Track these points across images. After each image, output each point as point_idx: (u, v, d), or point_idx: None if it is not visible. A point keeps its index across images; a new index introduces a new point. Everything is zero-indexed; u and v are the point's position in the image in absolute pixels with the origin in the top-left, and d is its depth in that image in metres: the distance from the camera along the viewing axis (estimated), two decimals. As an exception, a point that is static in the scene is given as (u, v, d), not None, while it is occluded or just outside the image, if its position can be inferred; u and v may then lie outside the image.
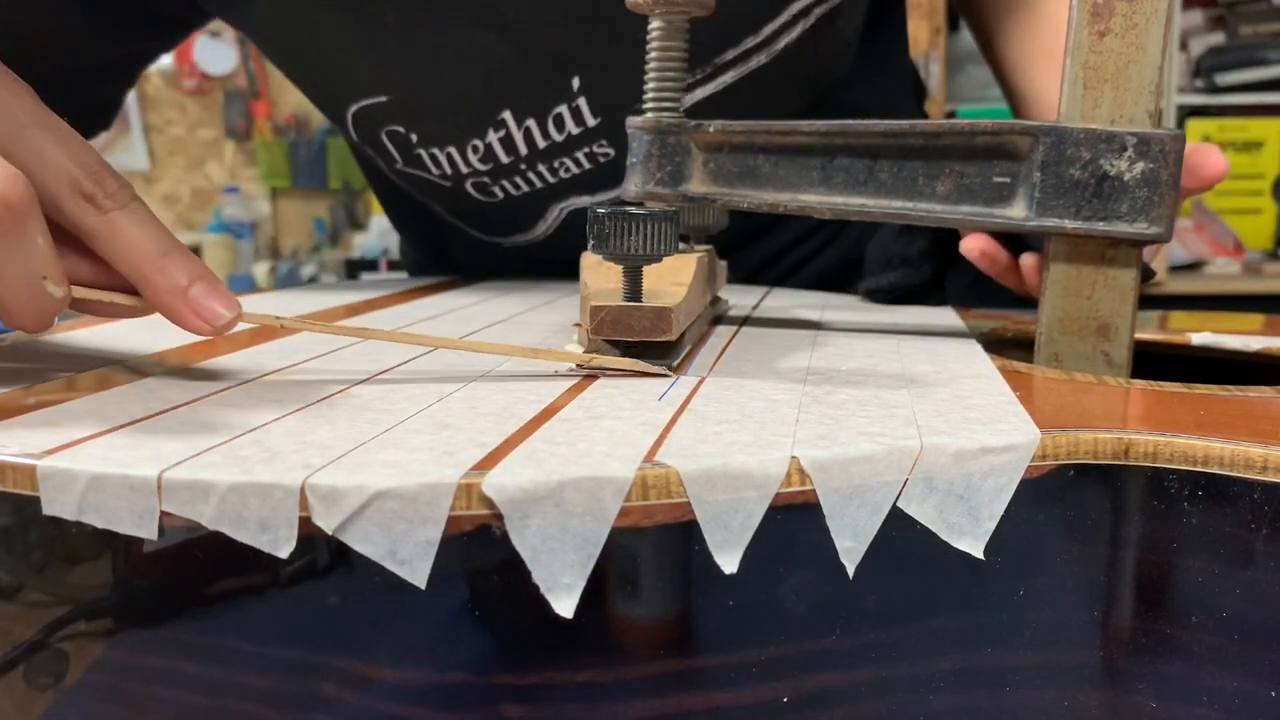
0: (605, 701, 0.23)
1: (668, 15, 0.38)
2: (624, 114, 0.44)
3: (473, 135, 0.53)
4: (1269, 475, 0.24)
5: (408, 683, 0.22)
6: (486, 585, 0.22)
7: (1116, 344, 0.36)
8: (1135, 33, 0.34)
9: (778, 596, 0.23)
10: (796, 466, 0.23)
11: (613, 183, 0.55)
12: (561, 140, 0.53)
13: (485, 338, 0.38)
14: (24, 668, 0.23)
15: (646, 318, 0.32)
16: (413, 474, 0.21)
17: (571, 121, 0.52)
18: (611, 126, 0.52)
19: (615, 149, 0.53)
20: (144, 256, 0.29)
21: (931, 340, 0.39)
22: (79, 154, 0.29)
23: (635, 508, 0.22)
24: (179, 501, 0.21)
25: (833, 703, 0.24)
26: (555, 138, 0.53)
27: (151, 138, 2.68)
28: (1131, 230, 0.35)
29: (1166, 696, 0.26)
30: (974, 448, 0.24)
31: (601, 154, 0.54)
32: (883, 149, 0.37)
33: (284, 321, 0.31)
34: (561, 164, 0.54)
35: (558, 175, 0.54)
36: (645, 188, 0.39)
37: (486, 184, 0.55)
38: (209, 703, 0.23)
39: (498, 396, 0.28)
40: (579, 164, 0.54)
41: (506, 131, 0.52)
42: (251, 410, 0.26)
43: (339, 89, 0.55)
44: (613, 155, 0.53)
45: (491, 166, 0.54)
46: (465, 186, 0.56)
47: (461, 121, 0.53)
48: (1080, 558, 0.26)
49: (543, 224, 0.58)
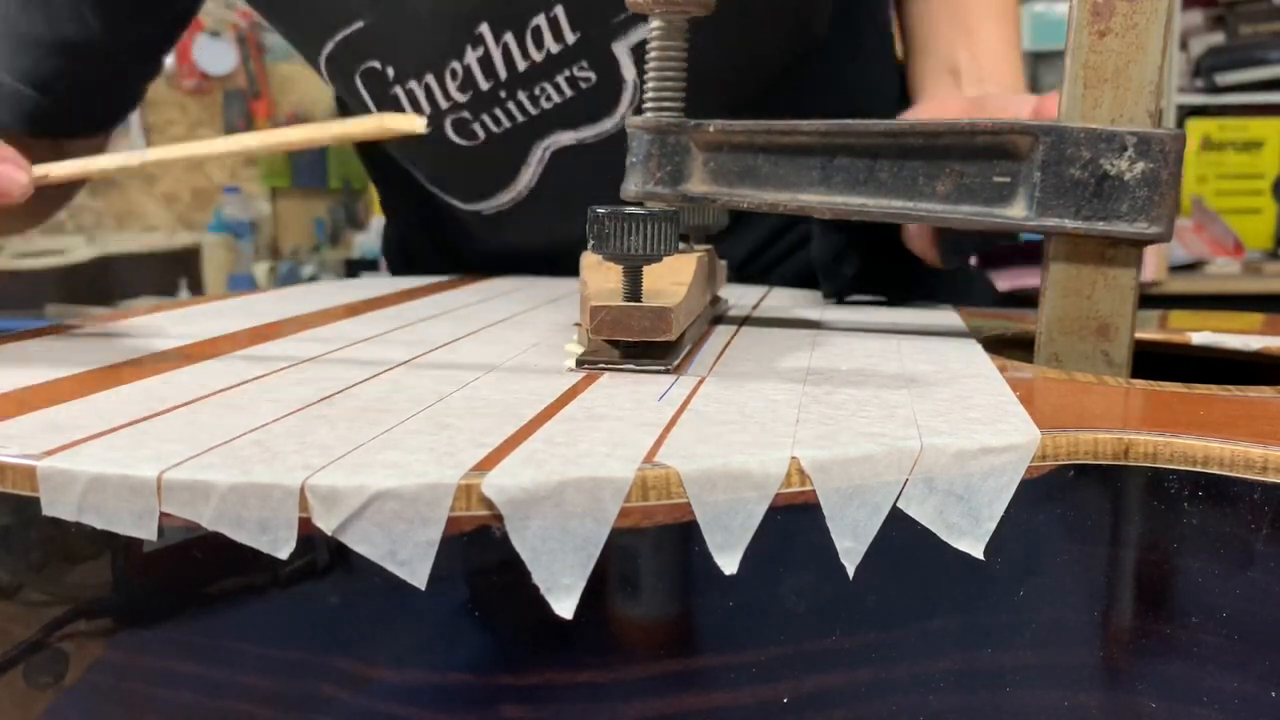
0: (605, 702, 0.23)
1: (668, 15, 0.38)
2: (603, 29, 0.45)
3: (451, 56, 0.52)
4: (1269, 475, 0.24)
5: (407, 683, 0.22)
6: (486, 586, 0.22)
7: (1116, 344, 0.36)
8: (1135, 32, 0.34)
9: (778, 597, 0.23)
10: (796, 467, 0.23)
11: (596, 116, 0.54)
12: (541, 60, 0.52)
13: (485, 336, 0.38)
14: (23, 667, 0.23)
15: (646, 318, 0.32)
16: (413, 474, 0.21)
17: (550, 36, 0.51)
18: (590, 44, 0.51)
19: (595, 72, 0.52)
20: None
21: (931, 340, 0.39)
22: None
23: (635, 508, 0.22)
24: (179, 502, 0.21)
25: (833, 703, 0.24)
26: (534, 57, 0.52)
27: (152, 138, 2.68)
28: (1132, 230, 0.35)
29: (1167, 697, 0.26)
30: (974, 448, 0.24)
31: (582, 78, 0.52)
32: (883, 149, 0.37)
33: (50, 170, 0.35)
34: (542, 90, 0.53)
35: (539, 105, 0.53)
36: (645, 188, 0.39)
37: (467, 120, 0.54)
38: (209, 703, 0.23)
39: (498, 397, 0.28)
40: (560, 90, 0.53)
41: (485, 50, 0.52)
42: (251, 411, 0.26)
43: (316, 20, 0.54)
44: (594, 80, 0.52)
45: (471, 95, 0.53)
46: (445, 128, 0.55)
47: (440, 39, 0.52)
48: (1080, 558, 0.26)
49: (526, 172, 0.57)
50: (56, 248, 2.65)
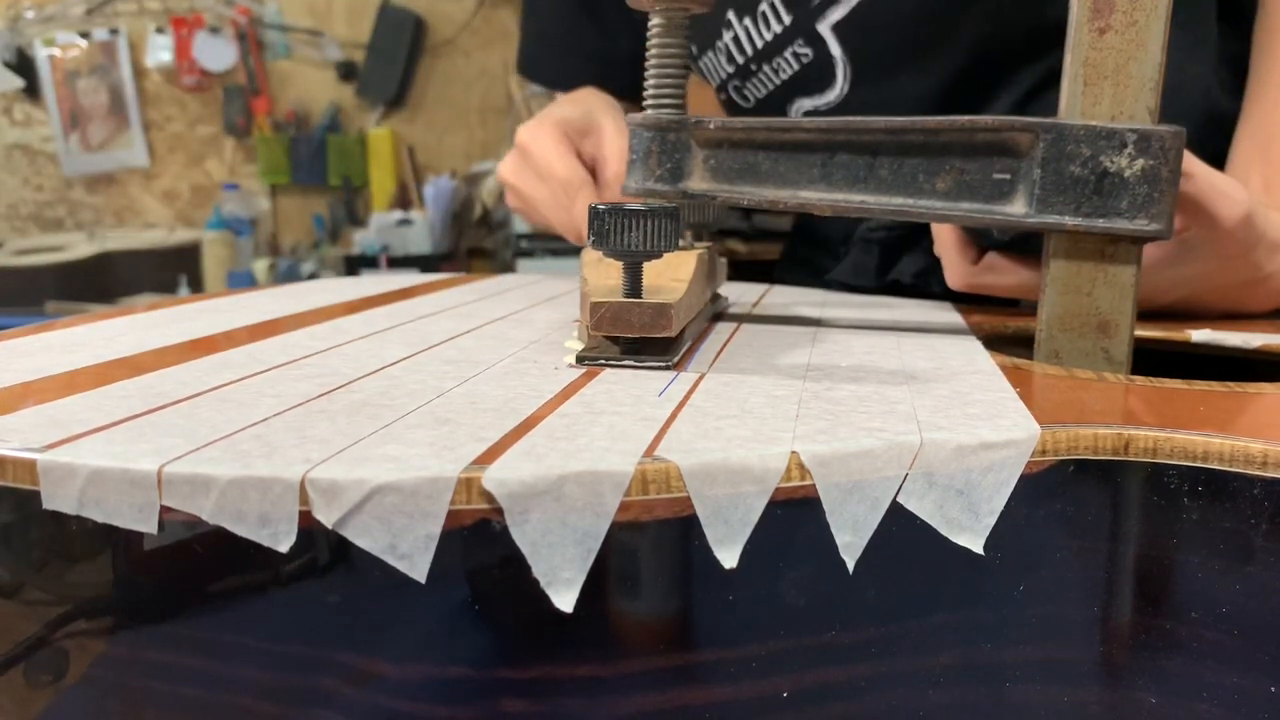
0: (605, 696, 0.23)
1: (668, 12, 0.38)
2: (807, 10, 0.60)
3: (715, 37, 0.65)
4: (1269, 471, 0.24)
5: (408, 677, 0.22)
6: (486, 580, 0.22)
7: (1116, 341, 0.36)
8: (1135, 29, 0.34)
9: (777, 591, 0.23)
10: (796, 461, 0.23)
11: (823, 87, 0.64)
12: (771, 40, 0.62)
13: (484, 334, 0.38)
14: (24, 665, 0.23)
15: (646, 314, 0.32)
16: (413, 468, 0.21)
17: (774, 19, 0.62)
18: (800, 27, 0.61)
19: (811, 49, 0.62)
20: None
21: (931, 337, 0.39)
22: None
23: (635, 502, 0.22)
24: (179, 496, 0.21)
25: (832, 697, 0.24)
26: (766, 37, 0.62)
27: (151, 134, 2.68)
28: (1132, 227, 0.35)
29: (1166, 692, 0.26)
30: (974, 443, 0.24)
31: (803, 54, 0.62)
32: (883, 145, 0.37)
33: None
34: (777, 65, 0.63)
35: (779, 75, 0.64)
36: (645, 184, 0.39)
37: (739, 87, 0.67)
38: (210, 698, 0.23)
39: (497, 392, 0.28)
40: (789, 64, 0.63)
41: (734, 32, 0.65)
42: (252, 405, 0.26)
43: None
44: (811, 56, 0.62)
45: (735, 68, 0.66)
46: (731, 94, 0.68)
47: (710, 23, 0.65)
48: (1080, 553, 0.26)
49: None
50: (56, 244, 2.66)
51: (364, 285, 0.56)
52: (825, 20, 0.60)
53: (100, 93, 2.65)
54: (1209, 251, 0.45)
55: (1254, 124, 0.57)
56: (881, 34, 0.59)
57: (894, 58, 0.60)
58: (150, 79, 2.65)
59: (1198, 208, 0.42)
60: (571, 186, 0.57)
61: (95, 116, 2.66)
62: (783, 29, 0.61)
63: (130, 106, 2.65)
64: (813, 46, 0.61)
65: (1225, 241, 0.44)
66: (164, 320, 0.41)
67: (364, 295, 0.51)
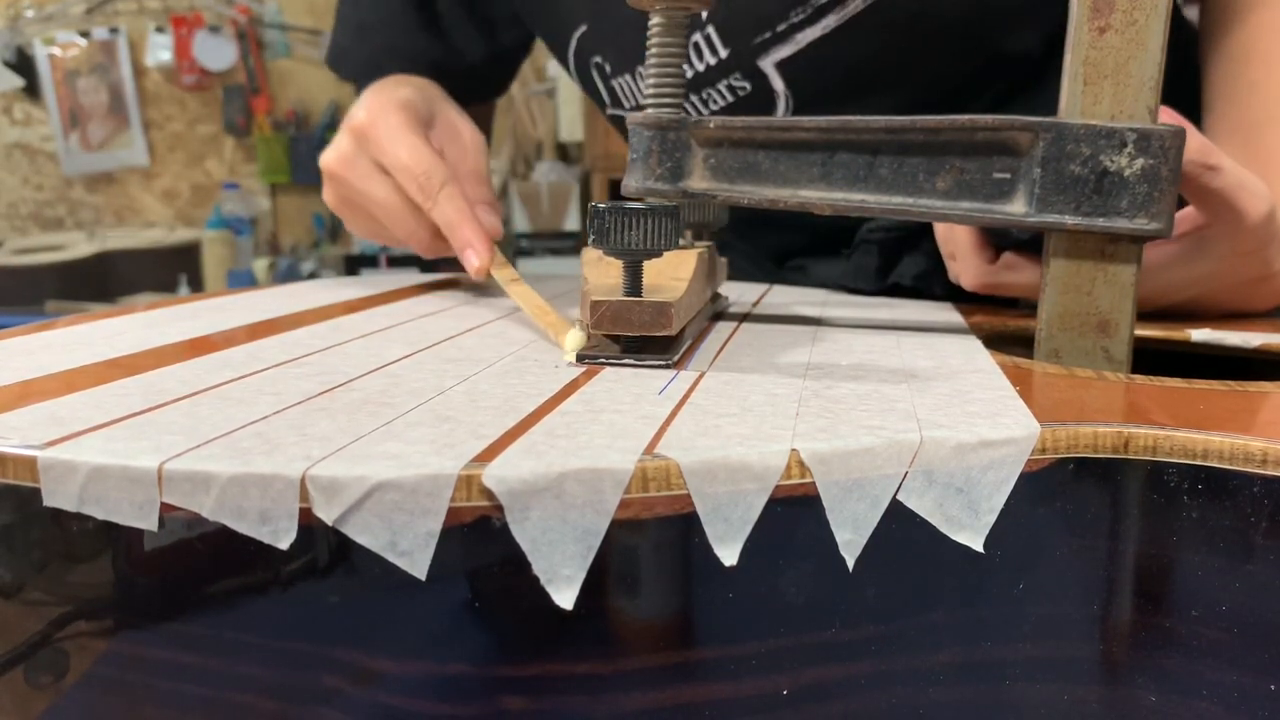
0: (605, 693, 0.23)
1: (668, 11, 0.38)
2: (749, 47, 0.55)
3: (634, 62, 0.60)
4: (1269, 469, 0.24)
5: (408, 674, 0.22)
6: (487, 577, 0.22)
7: (1116, 340, 0.36)
8: (1135, 28, 0.34)
9: (777, 589, 0.23)
10: (796, 459, 0.23)
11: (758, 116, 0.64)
12: (704, 70, 0.58)
13: (483, 333, 0.38)
14: (25, 666, 0.23)
15: (647, 312, 0.32)
16: (413, 465, 0.21)
17: (708, 51, 0.58)
18: (740, 61, 0.57)
19: (749, 83, 0.58)
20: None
21: (931, 336, 0.40)
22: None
23: (635, 500, 0.22)
24: (179, 493, 0.21)
25: (832, 695, 0.24)
26: (698, 66, 0.58)
27: (151, 134, 2.68)
28: (1132, 226, 0.35)
29: (1166, 690, 0.26)
30: (974, 441, 0.24)
31: (739, 87, 0.58)
32: (883, 145, 0.37)
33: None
34: (709, 95, 0.59)
35: (709, 106, 0.60)
36: (645, 183, 0.39)
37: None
38: (211, 696, 0.23)
39: (498, 390, 0.28)
40: (723, 96, 0.59)
41: None
42: (252, 403, 0.26)
43: (557, 23, 0.64)
44: (749, 89, 0.58)
45: None
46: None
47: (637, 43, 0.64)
48: (1080, 551, 0.26)
49: None
50: (56, 244, 2.66)
51: (364, 285, 0.56)
52: (768, 57, 0.57)
53: (100, 92, 2.65)
54: (1227, 248, 0.44)
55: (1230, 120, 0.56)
56: (830, 71, 0.57)
57: (843, 91, 0.57)
58: (150, 78, 2.65)
59: (1225, 203, 0.42)
60: (431, 181, 0.48)
61: (95, 116, 2.66)
62: (718, 61, 0.57)
63: (130, 106, 2.65)
64: (751, 80, 0.58)
65: (1245, 237, 0.43)
66: (164, 319, 0.41)
67: (364, 295, 0.51)
